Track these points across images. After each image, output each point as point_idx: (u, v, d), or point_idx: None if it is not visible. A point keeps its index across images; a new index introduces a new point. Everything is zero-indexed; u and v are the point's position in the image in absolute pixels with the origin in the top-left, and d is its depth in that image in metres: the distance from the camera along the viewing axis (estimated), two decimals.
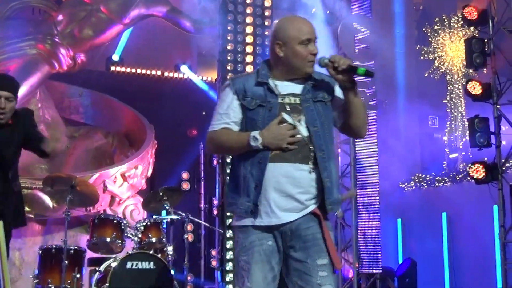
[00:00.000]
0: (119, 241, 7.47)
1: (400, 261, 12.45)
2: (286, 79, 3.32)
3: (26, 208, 9.52)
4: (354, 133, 3.51)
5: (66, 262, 6.87)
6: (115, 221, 7.55)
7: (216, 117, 3.35)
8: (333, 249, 3.22)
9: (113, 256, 7.32)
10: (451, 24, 17.24)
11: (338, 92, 3.36)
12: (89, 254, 7.57)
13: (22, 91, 10.78)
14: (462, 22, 14.41)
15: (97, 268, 7.21)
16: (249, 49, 9.45)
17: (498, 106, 9.74)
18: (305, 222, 3.20)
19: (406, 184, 13.74)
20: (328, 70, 3.24)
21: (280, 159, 3.18)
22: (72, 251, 7.15)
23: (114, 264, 6.88)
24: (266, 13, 9.73)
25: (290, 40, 3.26)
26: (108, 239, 7.41)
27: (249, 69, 9.41)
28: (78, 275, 7.09)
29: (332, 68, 3.21)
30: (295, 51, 3.26)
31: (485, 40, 9.86)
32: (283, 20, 3.45)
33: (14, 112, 4.49)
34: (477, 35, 10.24)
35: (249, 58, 9.46)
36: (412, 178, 13.67)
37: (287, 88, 3.30)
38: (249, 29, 9.50)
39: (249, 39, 9.48)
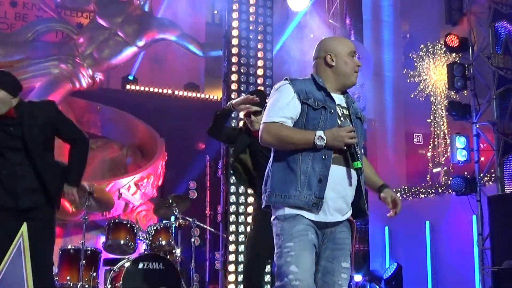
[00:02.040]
0: (132, 244, 7.47)
1: (387, 266, 12.43)
2: (334, 90, 3.29)
3: None
4: None
5: (84, 261, 6.88)
6: (128, 225, 7.56)
7: (274, 110, 3.17)
8: (352, 256, 3.21)
9: (126, 257, 7.32)
10: (435, 50, 17.35)
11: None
12: (105, 255, 7.57)
13: None
14: (444, 48, 14.45)
15: (111, 268, 7.22)
16: (251, 71, 9.51)
17: (477, 125, 9.77)
18: (342, 226, 3.17)
19: None
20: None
21: (338, 161, 3.12)
22: (89, 252, 7.15)
23: (127, 264, 6.88)
24: (268, 39, 9.80)
25: (340, 51, 3.30)
26: (122, 242, 7.42)
27: (251, 89, 9.45)
28: (94, 274, 7.10)
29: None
30: (345, 61, 3.28)
31: (466, 65, 9.91)
32: (330, 38, 3.53)
33: (17, 105, 4.26)
34: (458, 61, 10.29)
35: (251, 79, 9.52)
36: (399, 189, 13.67)
37: (336, 99, 3.27)
38: (252, 53, 9.56)
39: (252, 62, 9.54)
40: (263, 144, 3.18)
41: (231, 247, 8.45)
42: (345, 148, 3.10)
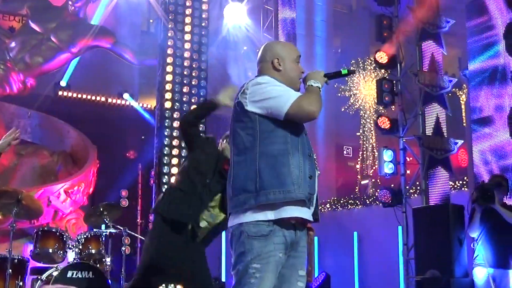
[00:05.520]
0: (61, 252, 7.28)
1: (316, 275, 12.55)
2: None
3: None
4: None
5: (10, 270, 6.65)
6: (57, 233, 7.37)
7: (287, 93, 3.06)
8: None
9: (55, 265, 7.13)
10: (365, 66, 17.75)
11: None
12: (32, 263, 7.36)
13: None
14: (374, 65, 14.79)
15: (39, 277, 7.01)
16: (186, 80, 9.49)
17: (403, 140, 10.02)
18: (304, 235, 3.10)
19: (322, 206, 13.91)
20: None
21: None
22: (16, 261, 6.93)
23: (55, 273, 6.69)
24: (203, 49, 9.82)
25: (287, 55, 3.25)
26: (50, 250, 7.22)
27: (185, 99, 9.44)
28: (21, 283, 6.87)
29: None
30: (292, 66, 3.24)
31: (394, 81, 10.16)
32: (277, 42, 3.45)
33: None
34: (387, 77, 10.53)
35: (185, 89, 9.50)
36: (328, 200, 13.86)
37: None
38: (186, 63, 9.55)
39: (186, 72, 9.53)
40: (311, 117, 3.06)
41: None
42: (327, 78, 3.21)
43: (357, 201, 13.14)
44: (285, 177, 2.96)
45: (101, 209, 7.55)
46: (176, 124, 9.53)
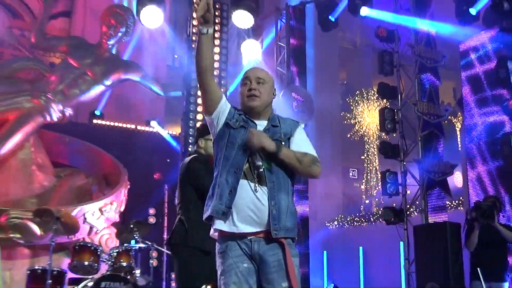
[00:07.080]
0: (95, 265, 7.31)
1: (325, 286, 12.48)
2: (253, 119, 3.15)
3: (17, 235, 9.34)
4: (306, 176, 3.31)
5: (50, 281, 6.71)
6: (92, 248, 7.41)
7: None
8: (293, 275, 2.94)
9: (90, 277, 7.16)
10: (369, 96, 17.78)
11: (293, 142, 3.20)
12: (70, 275, 7.40)
13: (18, 137, 10.63)
14: (377, 95, 14.79)
15: (75, 287, 7.05)
16: None
17: (404, 163, 10.00)
18: (271, 249, 2.97)
19: (331, 223, 13.86)
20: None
21: (245, 176, 3.00)
22: (55, 272, 6.99)
23: (90, 284, 6.72)
24: (223, 82, 9.90)
25: (239, 85, 3.22)
26: (86, 263, 7.25)
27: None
28: None
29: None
30: (239, 92, 3.18)
31: (395, 110, 10.17)
32: None
33: None
34: (388, 106, 10.55)
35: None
36: (336, 218, 13.81)
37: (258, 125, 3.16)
38: None
39: None
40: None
41: None
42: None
43: (362, 219, 13.08)
44: (211, 196, 3.07)
45: (131, 226, 7.58)
46: None
